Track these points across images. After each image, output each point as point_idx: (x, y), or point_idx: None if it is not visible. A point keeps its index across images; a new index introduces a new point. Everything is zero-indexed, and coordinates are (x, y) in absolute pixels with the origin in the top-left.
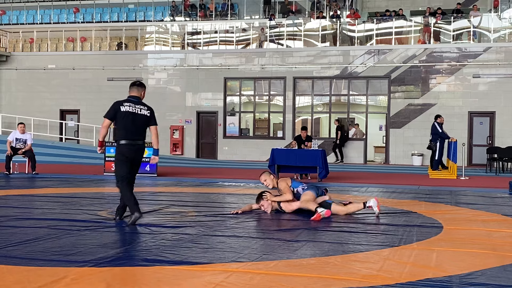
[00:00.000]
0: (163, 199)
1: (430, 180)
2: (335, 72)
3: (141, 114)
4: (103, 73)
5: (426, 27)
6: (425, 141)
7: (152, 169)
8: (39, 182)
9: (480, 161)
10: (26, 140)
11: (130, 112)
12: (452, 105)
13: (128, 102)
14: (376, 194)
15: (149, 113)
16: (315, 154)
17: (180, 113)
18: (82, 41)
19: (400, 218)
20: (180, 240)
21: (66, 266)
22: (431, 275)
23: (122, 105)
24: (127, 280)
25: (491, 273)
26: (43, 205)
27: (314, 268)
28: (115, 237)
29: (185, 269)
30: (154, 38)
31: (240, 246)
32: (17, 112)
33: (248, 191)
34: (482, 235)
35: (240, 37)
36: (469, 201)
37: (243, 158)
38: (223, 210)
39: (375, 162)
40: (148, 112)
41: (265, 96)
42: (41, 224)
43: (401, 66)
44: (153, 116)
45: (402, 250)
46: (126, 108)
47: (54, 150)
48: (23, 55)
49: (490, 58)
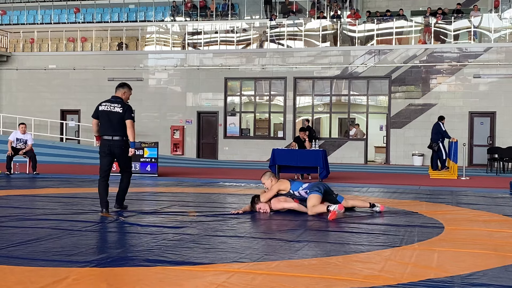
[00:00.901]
0: (164, 199)
1: (431, 180)
2: (336, 72)
3: (115, 111)
4: (103, 73)
5: (426, 27)
6: (426, 141)
7: (153, 169)
8: (40, 182)
9: (480, 161)
10: (26, 140)
11: (106, 110)
12: (452, 105)
13: (106, 102)
14: (377, 195)
15: (121, 110)
16: (316, 154)
17: (180, 113)
18: (82, 41)
19: (401, 219)
20: (182, 240)
21: (67, 266)
22: (432, 276)
23: (101, 105)
24: (128, 281)
25: (493, 274)
26: (44, 205)
27: (316, 269)
28: (117, 238)
29: (187, 270)
30: (154, 38)
31: (241, 246)
32: (17, 112)
33: (249, 191)
34: (483, 236)
35: (240, 37)
36: (470, 201)
37: (243, 158)
38: (224, 210)
39: (376, 162)
40: (121, 109)
41: (265, 96)
42: (42, 225)
43: (401, 66)
44: (126, 112)
45: (403, 250)
46: (103, 107)
47: (55, 150)
48: (23, 55)
49: (490, 58)
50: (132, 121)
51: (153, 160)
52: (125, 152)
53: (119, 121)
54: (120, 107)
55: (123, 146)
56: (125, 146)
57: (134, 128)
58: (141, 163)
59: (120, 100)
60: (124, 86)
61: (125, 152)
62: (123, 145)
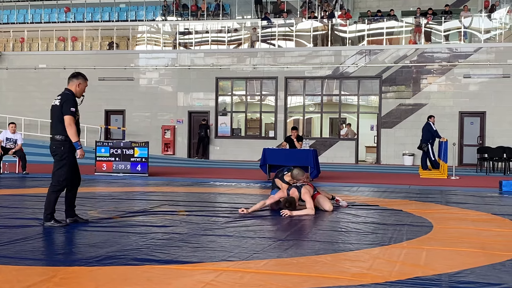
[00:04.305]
0: (154, 198)
1: (421, 180)
2: (327, 72)
3: (54, 105)
4: (94, 72)
5: (417, 28)
6: (416, 141)
7: (143, 169)
8: (29, 182)
9: (470, 161)
10: (16, 140)
11: (52, 106)
12: (443, 105)
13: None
14: (368, 194)
15: (59, 102)
16: (307, 154)
17: (171, 113)
18: (73, 41)
19: (390, 217)
20: (171, 239)
21: (55, 265)
22: (420, 274)
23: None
24: (116, 280)
25: (480, 272)
26: (33, 204)
27: (304, 267)
28: (105, 237)
29: (175, 268)
30: (145, 38)
31: (230, 245)
32: (7, 111)
33: (239, 191)
34: (471, 234)
35: (231, 37)
36: (460, 200)
37: (234, 158)
38: (214, 210)
39: (367, 162)
40: (59, 101)
41: (256, 96)
42: (31, 224)
43: (392, 66)
44: (63, 104)
45: (392, 249)
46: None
47: (45, 150)
48: (13, 55)
49: (480, 59)
50: (70, 116)
51: (143, 159)
52: (57, 154)
53: (57, 116)
54: (59, 100)
55: (53, 147)
56: (57, 147)
57: (73, 125)
58: (132, 162)
59: (66, 92)
60: (78, 76)
61: (57, 154)
62: (53, 146)
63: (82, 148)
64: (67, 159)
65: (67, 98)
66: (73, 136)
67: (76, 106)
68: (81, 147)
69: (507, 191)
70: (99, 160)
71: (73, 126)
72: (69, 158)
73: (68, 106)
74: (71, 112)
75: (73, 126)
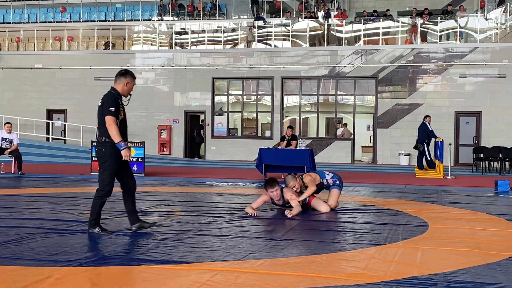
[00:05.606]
0: (150, 198)
1: (417, 180)
2: (323, 72)
3: (98, 106)
4: (90, 72)
5: (413, 28)
6: (412, 141)
7: (140, 169)
8: (25, 182)
9: (466, 161)
10: (12, 140)
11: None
12: (438, 105)
13: None
14: (364, 194)
15: (101, 103)
16: (303, 154)
17: (168, 113)
18: (69, 41)
19: (386, 217)
20: (166, 239)
21: (51, 265)
22: (416, 273)
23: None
24: (112, 280)
25: (475, 271)
26: (29, 205)
27: (300, 267)
28: (101, 237)
29: (171, 268)
30: (141, 38)
31: (226, 245)
32: (3, 111)
33: (236, 191)
34: (467, 234)
35: (228, 37)
36: (455, 200)
37: (231, 158)
38: (210, 210)
39: (363, 161)
40: (101, 102)
41: (253, 96)
42: (26, 224)
43: (388, 66)
44: (103, 104)
45: (387, 248)
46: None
47: (41, 150)
48: (9, 55)
49: (476, 59)
50: (111, 116)
51: (139, 159)
52: (99, 157)
53: (100, 118)
54: (101, 100)
55: (96, 149)
56: (98, 150)
57: (114, 125)
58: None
59: (109, 91)
60: (125, 74)
61: (99, 157)
62: (96, 148)
63: (127, 148)
64: (109, 162)
65: (107, 98)
66: (115, 136)
67: (117, 106)
68: (125, 147)
69: (502, 190)
70: (95, 161)
71: (114, 126)
72: (111, 161)
73: (108, 106)
74: (110, 112)
75: (114, 126)
